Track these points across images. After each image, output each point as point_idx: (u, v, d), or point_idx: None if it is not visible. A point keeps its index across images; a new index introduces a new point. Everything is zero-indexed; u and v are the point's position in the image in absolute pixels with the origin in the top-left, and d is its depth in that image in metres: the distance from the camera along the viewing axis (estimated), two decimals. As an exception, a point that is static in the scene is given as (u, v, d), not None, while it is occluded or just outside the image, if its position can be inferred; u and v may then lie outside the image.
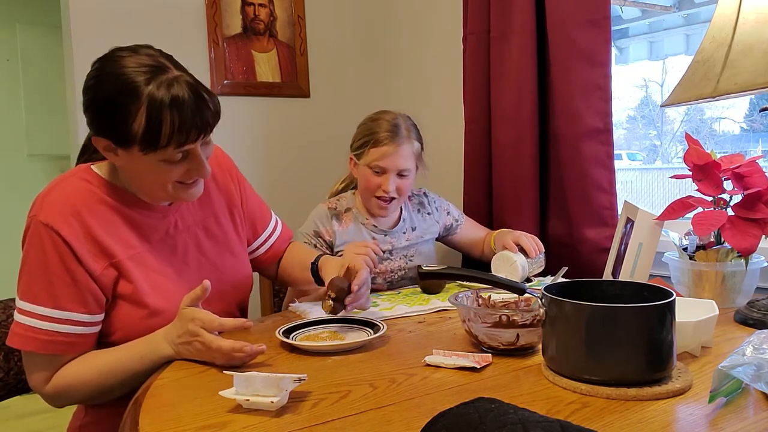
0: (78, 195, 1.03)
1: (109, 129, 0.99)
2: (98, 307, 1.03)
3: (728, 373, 0.71)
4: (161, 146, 0.97)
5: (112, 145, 1.00)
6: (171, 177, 1.02)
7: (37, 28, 3.83)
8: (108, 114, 0.98)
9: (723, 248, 1.17)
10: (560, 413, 0.71)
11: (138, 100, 0.95)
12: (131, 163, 1.02)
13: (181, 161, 1.02)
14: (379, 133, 1.52)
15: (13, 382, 1.24)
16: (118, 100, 0.96)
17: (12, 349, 1.24)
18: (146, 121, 0.95)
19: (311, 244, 1.55)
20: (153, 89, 0.96)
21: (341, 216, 1.59)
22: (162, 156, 0.99)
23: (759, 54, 0.99)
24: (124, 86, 0.96)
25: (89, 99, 1.01)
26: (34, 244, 1.00)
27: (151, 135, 0.96)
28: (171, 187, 1.04)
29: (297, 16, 2.41)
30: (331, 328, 1.10)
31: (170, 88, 0.96)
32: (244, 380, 0.76)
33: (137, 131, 0.96)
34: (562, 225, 1.73)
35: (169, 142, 0.97)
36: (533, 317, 0.92)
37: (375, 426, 0.70)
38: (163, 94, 0.96)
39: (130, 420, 0.78)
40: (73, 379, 1.02)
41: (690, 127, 2.29)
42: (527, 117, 1.72)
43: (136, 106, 0.95)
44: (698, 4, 2.05)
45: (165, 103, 0.95)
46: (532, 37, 1.69)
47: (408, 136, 1.54)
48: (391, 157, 1.51)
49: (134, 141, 0.97)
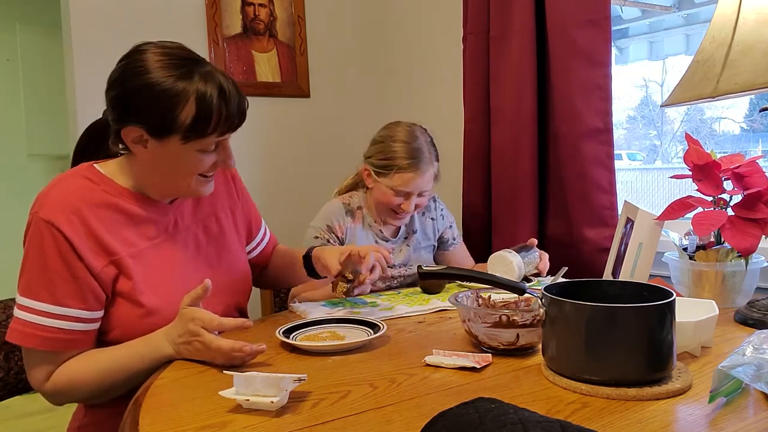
0: (79, 193, 1.04)
1: (148, 119, 1.00)
2: (98, 304, 1.03)
3: (728, 373, 0.71)
4: (207, 134, 1.01)
5: (145, 135, 1.02)
6: (201, 167, 1.06)
7: (37, 28, 3.83)
8: (150, 103, 1.00)
9: (723, 248, 1.17)
10: (560, 413, 0.71)
11: (186, 91, 0.99)
12: (160, 155, 1.04)
13: (212, 152, 1.06)
14: (404, 159, 1.49)
15: (13, 382, 1.24)
16: (163, 91, 0.99)
17: (12, 349, 1.24)
18: (196, 110, 0.99)
19: (323, 239, 1.53)
20: (199, 80, 1.00)
21: (354, 213, 1.59)
22: (201, 145, 1.03)
23: (759, 54, 0.99)
24: (167, 77, 0.99)
25: (124, 90, 1.02)
26: (35, 240, 1.00)
27: (200, 123, 1.00)
28: (194, 179, 1.07)
29: (297, 16, 2.41)
30: (331, 328, 1.10)
31: (215, 80, 1.02)
32: (244, 380, 0.76)
33: (184, 120, 1.00)
34: (562, 225, 1.73)
35: (215, 130, 1.02)
36: (533, 317, 0.92)
37: (375, 426, 0.70)
38: (210, 86, 1.00)
39: (130, 420, 0.78)
40: (73, 377, 1.01)
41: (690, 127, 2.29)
42: (527, 117, 1.72)
43: (185, 96, 0.99)
44: (698, 4, 2.05)
45: (214, 93, 1.00)
46: (531, 37, 1.69)
47: (430, 159, 1.53)
48: (416, 182, 1.50)
49: (178, 130, 1.00)
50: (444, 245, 1.71)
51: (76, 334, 1.01)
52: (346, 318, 1.14)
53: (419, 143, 1.52)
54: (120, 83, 1.03)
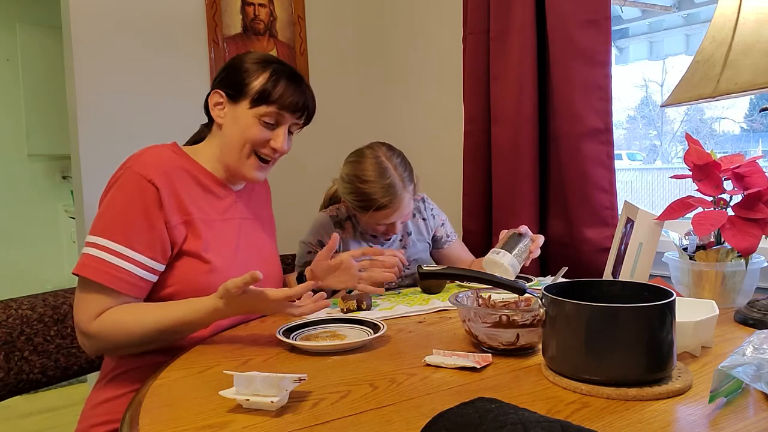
0: (168, 160, 1.18)
1: (228, 84, 1.21)
2: (163, 258, 1.12)
3: (728, 373, 0.71)
4: (270, 101, 1.19)
5: (225, 98, 1.22)
6: (257, 136, 1.21)
7: (37, 28, 3.83)
8: (236, 72, 1.21)
9: (723, 248, 1.17)
10: (560, 413, 0.71)
11: (265, 66, 1.21)
12: (230, 119, 1.21)
13: (270, 129, 1.22)
14: (379, 200, 1.44)
15: (13, 382, 1.24)
16: (254, 64, 1.21)
17: (12, 349, 1.24)
18: (267, 79, 1.20)
19: (315, 253, 1.53)
20: (279, 64, 1.24)
21: (344, 224, 1.59)
22: (263, 112, 1.19)
23: (759, 54, 0.99)
24: (258, 57, 1.24)
25: (227, 64, 1.25)
26: (124, 188, 1.11)
27: (267, 90, 1.19)
28: (249, 151, 1.22)
29: (297, 16, 2.41)
30: (331, 328, 1.10)
31: (291, 67, 1.25)
32: (244, 380, 0.76)
33: (256, 86, 1.19)
34: (562, 225, 1.73)
35: (276, 100, 1.19)
36: (533, 317, 0.92)
37: (375, 426, 0.70)
38: (287, 68, 1.24)
39: (130, 420, 0.78)
40: (119, 319, 1.07)
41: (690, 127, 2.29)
42: (527, 117, 1.72)
43: (263, 69, 1.21)
44: (698, 4, 2.05)
45: (285, 72, 1.22)
46: (532, 37, 1.69)
47: (404, 186, 1.48)
48: (396, 214, 1.49)
49: (248, 94, 1.19)
50: (438, 243, 1.71)
51: (138, 281, 1.09)
52: (346, 318, 1.14)
53: (390, 177, 1.46)
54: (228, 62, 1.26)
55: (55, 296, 1.35)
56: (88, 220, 2.06)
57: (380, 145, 1.54)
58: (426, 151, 1.63)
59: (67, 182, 3.95)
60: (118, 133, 2.12)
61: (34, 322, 1.28)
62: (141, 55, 2.15)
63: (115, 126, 2.12)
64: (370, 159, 1.49)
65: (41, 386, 1.30)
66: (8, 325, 1.25)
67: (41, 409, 2.70)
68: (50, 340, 1.30)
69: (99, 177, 2.10)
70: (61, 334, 1.32)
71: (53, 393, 2.82)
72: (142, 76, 2.16)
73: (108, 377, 1.16)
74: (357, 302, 1.25)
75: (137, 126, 2.17)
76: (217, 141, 1.25)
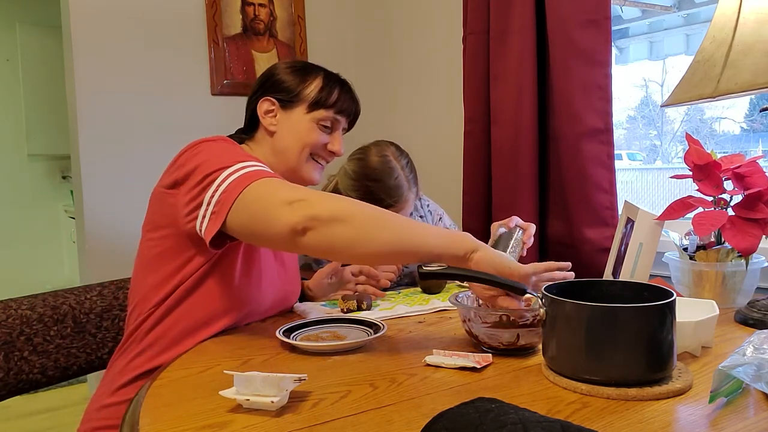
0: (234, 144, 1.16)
1: (281, 90, 1.21)
2: None
3: (728, 373, 0.71)
4: (327, 106, 1.21)
5: (277, 105, 1.21)
6: (317, 140, 1.22)
7: (37, 28, 3.83)
8: (286, 77, 1.22)
9: (723, 248, 1.17)
10: (560, 413, 0.71)
11: (317, 72, 1.24)
12: (284, 125, 1.21)
13: (327, 132, 1.23)
14: (385, 200, 1.47)
15: (12, 382, 1.24)
16: (301, 70, 1.23)
17: (12, 349, 1.24)
18: (322, 84, 1.22)
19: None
20: (327, 70, 1.26)
21: None
22: (321, 116, 1.21)
23: (759, 54, 0.99)
24: (304, 63, 1.27)
25: (278, 70, 1.24)
26: (211, 143, 1.09)
27: (324, 94, 1.21)
28: (307, 154, 1.22)
29: (297, 16, 2.41)
30: (331, 328, 1.10)
31: (339, 75, 1.28)
32: (244, 380, 0.76)
33: (311, 91, 1.21)
34: (562, 225, 1.73)
35: (333, 105, 1.22)
36: (533, 317, 0.92)
37: (375, 426, 0.70)
38: (335, 74, 1.26)
39: (130, 420, 0.77)
40: (346, 206, 0.94)
41: (690, 127, 2.29)
42: (527, 117, 1.72)
43: (314, 75, 1.23)
44: (698, 4, 2.05)
45: (336, 77, 1.25)
46: (532, 37, 1.69)
47: (410, 187, 1.50)
48: (401, 213, 1.50)
49: (304, 100, 1.21)
50: None
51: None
52: (346, 318, 1.14)
53: (398, 178, 1.47)
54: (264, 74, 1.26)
55: (55, 296, 1.34)
56: (88, 220, 2.06)
57: (388, 145, 1.55)
58: (426, 151, 1.63)
59: (67, 182, 3.95)
60: (118, 133, 2.12)
61: (33, 322, 1.28)
62: (141, 55, 2.15)
63: (115, 126, 2.12)
64: (378, 158, 1.50)
65: (41, 386, 1.30)
66: (8, 325, 1.25)
67: (41, 409, 2.70)
68: (50, 340, 1.30)
69: (99, 177, 2.10)
70: (60, 334, 1.32)
71: (53, 393, 2.82)
72: (142, 76, 2.16)
73: (116, 381, 1.13)
74: (357, 302, 1.25)
75: (137, 126, 2.17)
76: (266, 148, 1.23)
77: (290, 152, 1.21)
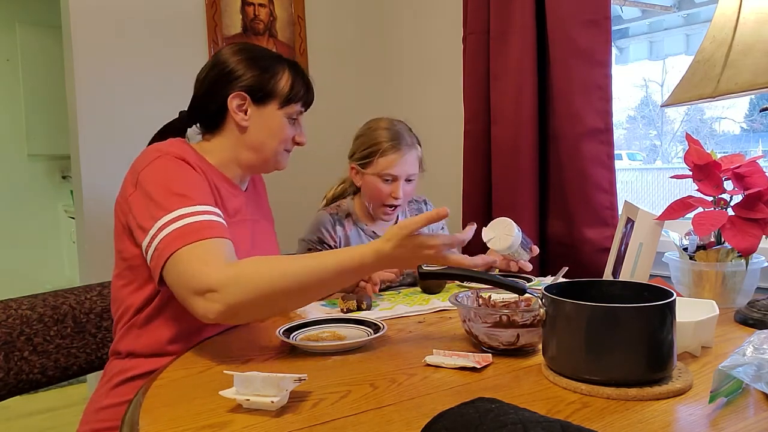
0: (192, 154, 1.15)
1: (251, 85, 1.18)
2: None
3: (728, 374, 0.71)
4: (297, 100, 1.21)
5: (248, 100, 1.18)
6: (288, 134, 1.22)
7: (37, 28, 3.83)
8: (254, 70, 1.18)
9: (723, 248, 1.17)
10: (560, 413, 0.71)
11: (280, 64, 1.21)
12: (257, 121, 1.19)
13: (293, 124, 1.23)
14: (385, 143, 1.53)
15: (12, 382, 1.24)
16: (262, 60, 1.20)
17: (12, 349, 1.24)
18: (291, 78, 1.20)
19: (315, 251, 1.55)
20: (285, 58, 1.24)
21: (344, 221, 1.60)
22: (291, 111, 1.21)
23: (759, 54, 0.99)
24: (262, 53, 1.22)
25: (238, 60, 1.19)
26: (163, 165, 1.07)
27: (295, 90, 1.20)
28: (281, 147, 1.23)
29: (297, 16, 2.41)
30: (331, 328, 1.10)
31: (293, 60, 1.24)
32: (244, 380, 0.76)
33: (284, 87, 1.19)
34: (562, 225, 1.73)
35: (302, 98, 1.22)
36: (533, 317, 0.92)
37: (375, 426, 0.70)
38: (292, 61, 1.23)
39: (130, 420, 0.77)
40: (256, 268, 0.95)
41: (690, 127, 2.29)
42: (527, 117, 1.72)
43: (280, 67, 1.20)
44: (698, 4, 2.05)
45: (297, 67, 1.23)
46: (532, 36, 1.69)
47: (411, 142, 1.56)
48: (400, 164, 1.53)
49: (277, 95, 1.19)
50: None
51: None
52: (346, 318, 1.14)
53: (399, 128, 1.56)
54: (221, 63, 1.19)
55: (55, 296, 1.34)
56: (88, 220, 2.06)
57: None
58: (426, 151, 1.64)
59: (67, 182, 3.95)
60: (118, 133, 2.12)
61: (33, 322, 1.28)
62: (141, 55, 2.15)
63: (115, 126, 2.12)
64: (383, 118, 1.62)
65: (41, 386, 1.30)
66: (8, 325, 1.25)
67: (41, 409, 2.70)
68: (50, 340, 1.30)
69: (99, 177, 2.10)
70: (60, 334, 1.32)
71: (53, 393, 2.82)
72: (141, 76, 2.15)
73: (114, 381, 1.13)
74: (357, 302, 1.25)
75: (137, 126, 2.16)
76: (234, 141, 1.20)
77: (266, 148, 1.21)
